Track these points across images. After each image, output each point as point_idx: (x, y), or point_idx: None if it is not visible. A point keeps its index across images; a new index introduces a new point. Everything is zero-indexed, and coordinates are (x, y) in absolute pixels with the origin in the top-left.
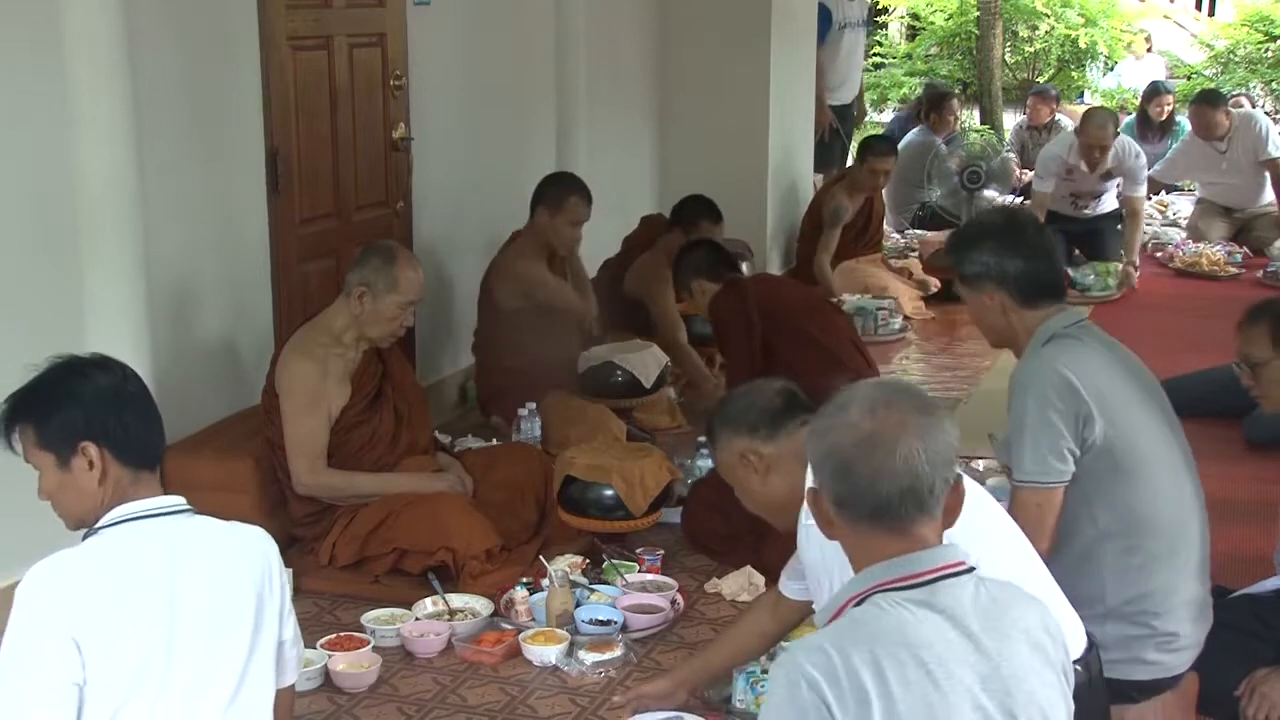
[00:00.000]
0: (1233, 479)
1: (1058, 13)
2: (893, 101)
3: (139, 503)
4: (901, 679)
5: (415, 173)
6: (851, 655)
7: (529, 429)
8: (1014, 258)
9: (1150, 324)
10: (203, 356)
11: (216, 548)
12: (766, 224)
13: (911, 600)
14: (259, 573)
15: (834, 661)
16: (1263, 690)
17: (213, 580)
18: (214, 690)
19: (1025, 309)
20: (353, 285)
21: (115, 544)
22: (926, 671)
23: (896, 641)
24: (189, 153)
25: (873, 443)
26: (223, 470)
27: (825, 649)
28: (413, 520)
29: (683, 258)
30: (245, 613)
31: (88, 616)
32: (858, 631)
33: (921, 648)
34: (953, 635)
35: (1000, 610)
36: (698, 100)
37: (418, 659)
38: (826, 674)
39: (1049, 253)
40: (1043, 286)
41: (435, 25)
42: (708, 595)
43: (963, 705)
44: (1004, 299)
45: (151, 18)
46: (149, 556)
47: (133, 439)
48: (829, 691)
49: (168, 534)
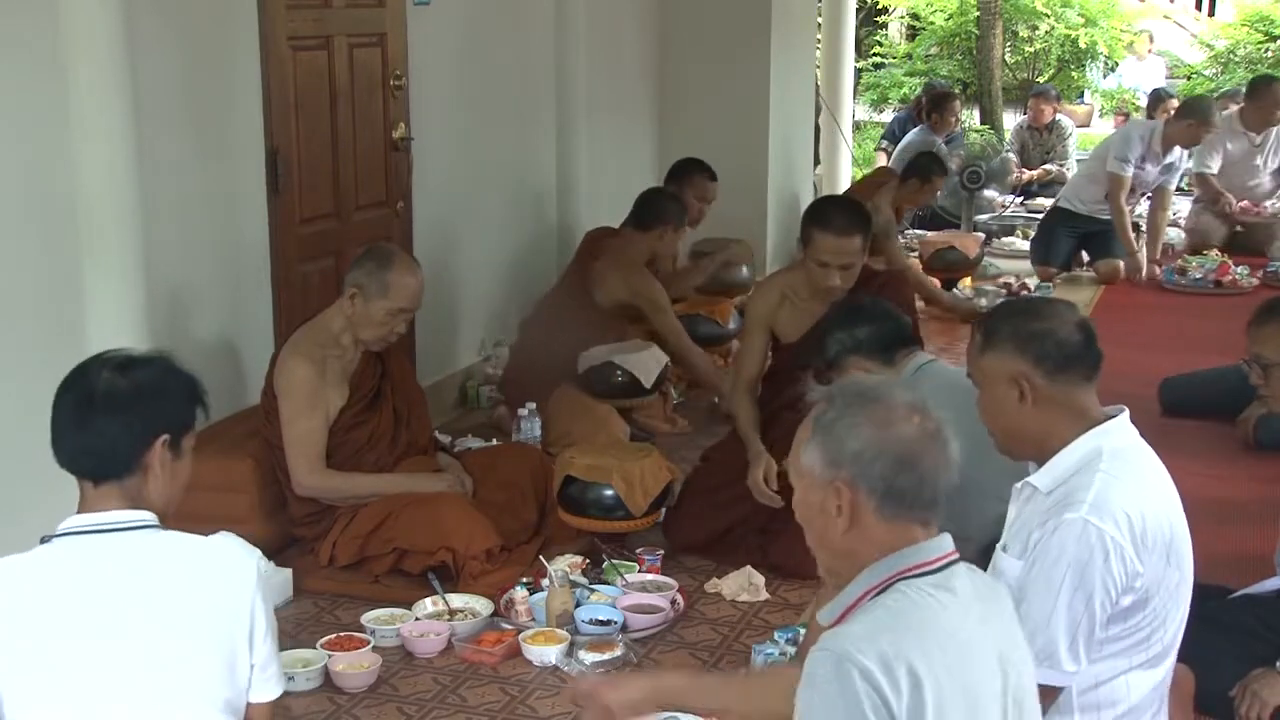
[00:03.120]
0: (1233, 479)
1: (1058, 13)
2: (893, 101)
3: (86, 517)
4: (944, 663)
5: (415, 173)
6: (899, 642)
7: (529, 429)
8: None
9: (1150, 324)
10: (202, 356)
11: (154, 568)
12: (767, 224)
13: (932, 585)
14: (208, 596)
15: (884, 649)
16: (1254, 689)
17: (145, 600)
18: (125, 706)
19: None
20: (347, 286)
21: (45, 557)
22: (962, 653)
23: (936, 626)
24: (189, 153)
25: (933, 438)
26: (222, 470)
27: (874, 637)
28: (413, 520)
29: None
30: (174, 634)
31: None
32: (899, 620)
33: (956, 630)
34: (971, 617)
35: (990, 594)
36: (698, 100)
37: (418, 659)
38: (880, 662)
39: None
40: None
41: (435, 25)
42: (708, 595)
43: (993, 683)
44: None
45: (151, 18)
46: (74, 572)
47: (56, 449)
48: (883, 679)
49: (98, 552)
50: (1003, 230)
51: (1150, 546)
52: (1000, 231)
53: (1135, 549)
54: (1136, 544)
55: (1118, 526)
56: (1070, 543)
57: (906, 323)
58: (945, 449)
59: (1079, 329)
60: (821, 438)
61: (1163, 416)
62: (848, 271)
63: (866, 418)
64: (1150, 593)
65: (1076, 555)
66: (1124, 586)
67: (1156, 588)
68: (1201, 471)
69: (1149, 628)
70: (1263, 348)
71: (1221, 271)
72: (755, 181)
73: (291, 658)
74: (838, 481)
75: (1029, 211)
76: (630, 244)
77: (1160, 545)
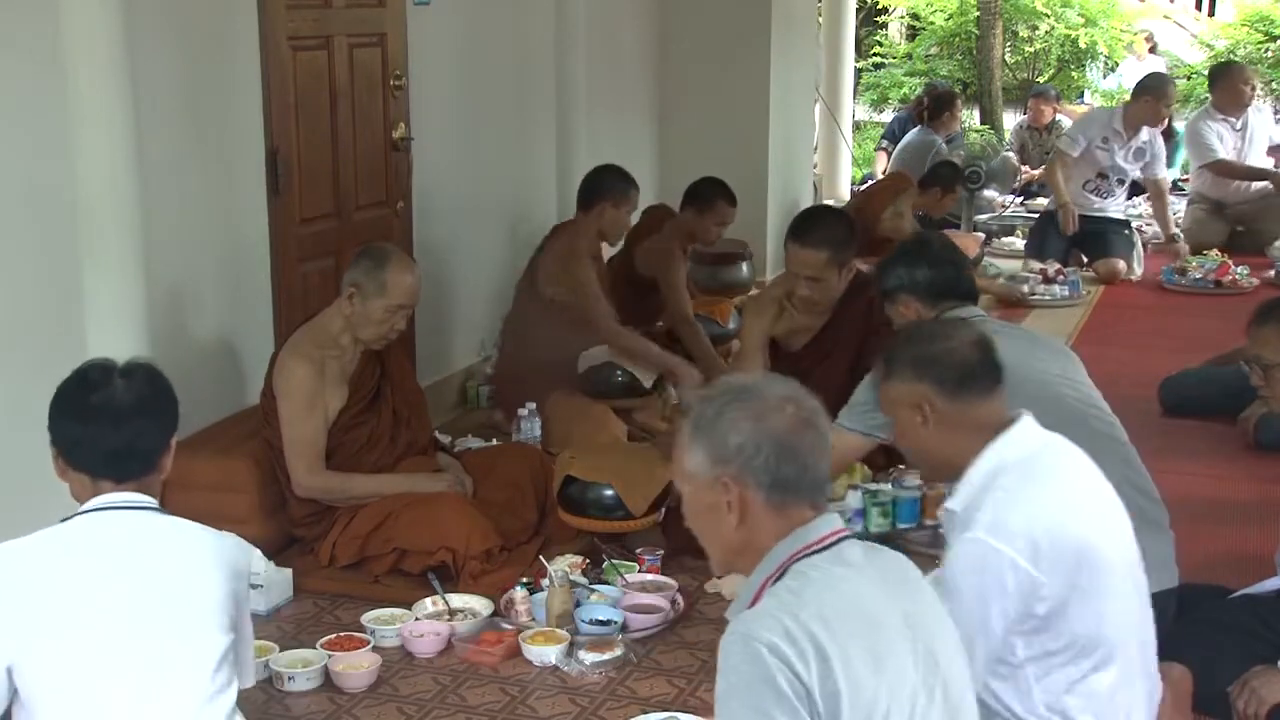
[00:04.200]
0: (1233, 479)
1: (1058, 13)
2: (893, 101)
3: (93, 500)
4: (847, 630)
5: (415, 173)
6: (800, 615)
7: (529, 429)
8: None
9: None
10: (202, 356)
11: (144, 544)
12: (767, 224)
13: (826, 560)
14: (193, 573)
15: (786, 624)
16: (1254, 685)
17: (135, 574)
18: (130, 680)
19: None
20: (345, 286)
21: (49, 537)
22: (864, 619)
23: (835, 596)
24: (189, 153)
25: (808, 425)
26: (222, 470)
27: (775, 614)
28: (413, 520)
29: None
30: (167, 610)
31: (10, 602)
32: (799, 596)
33: (856, 598)
34: (870, 585)
35: (885, 562)
36: (698, 100)
37: (418, 659)
38: (784, 636)
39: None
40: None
41: (435, 25)
42: (708, 595)
43: (899, 643)
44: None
45: (151, 18)
46: (75, 550)
47: (80, 450)
48: (789, 651)
49: (112, 526)
50: (1003, 230)
51: (1055, 557)
52: (1000, 231)
53: (1033, 563)
54: (1035, 557)
55: (1012, 544)
56: (967, 563)
57: (968, 275)
58: (820, 435)
59: (975, 347)
60: (703, 438)
61: (1163, 417)
62: (817, 284)
63: (744, 412)
64: (1065, 600)
65: (973, 572)
66: (1027, 598)
67: (1070, 593)
68: (1201, 471)
69: (1082, 632)
70: (1262, 348)
71: (1221, 271)
72: (755, 182)
73: (291, 658)
74: (724, 478)
75: (1029, 211)
76: (572, 230)
77: (1068, 553)
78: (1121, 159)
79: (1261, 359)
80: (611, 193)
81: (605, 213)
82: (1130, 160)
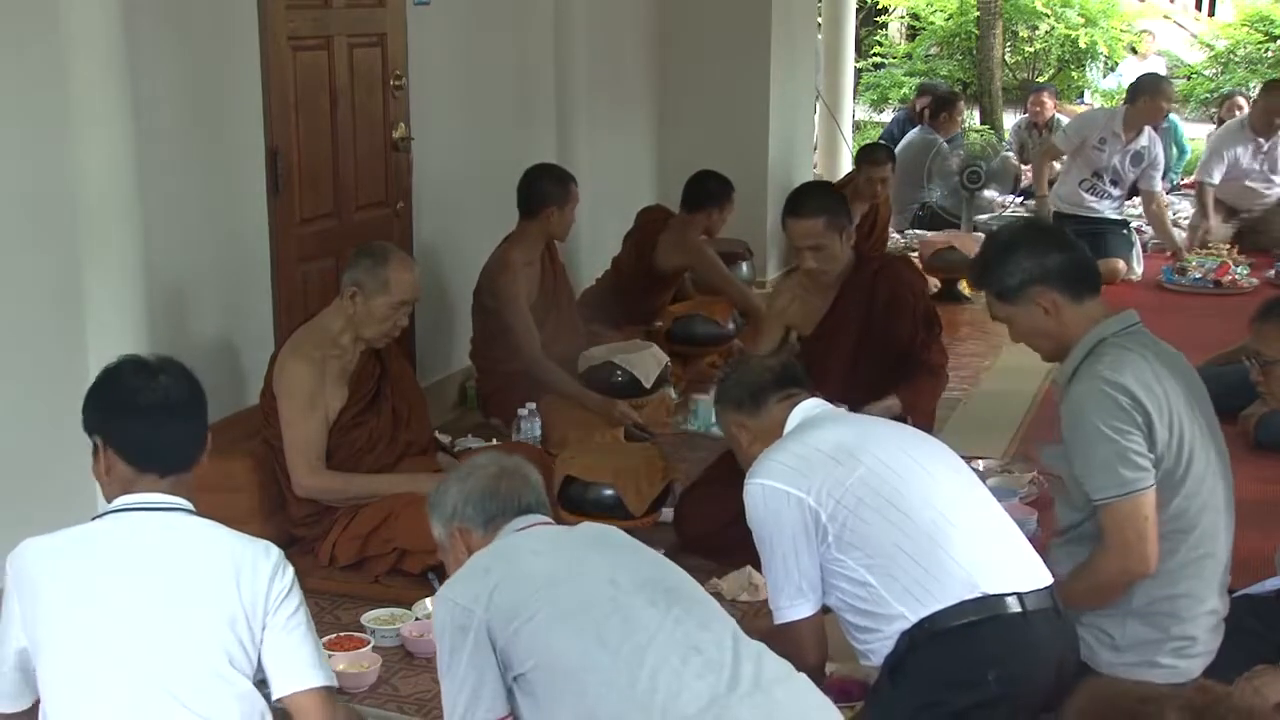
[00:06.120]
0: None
1: (1058, 13)
2: (893, 101)
3: (129, 497)
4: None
5: (415, 173)
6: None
7: (529, 429)
8: (1051, 254)
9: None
10: (202, 356)
11: (172, 545)
12: (766, 224)
13: (532, 535)
14: (211, 578)
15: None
16: (1256, 685)
17: (162, 573)
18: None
19: (1074, 304)
20: (345, 286)
21: (88, 531)
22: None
23: (513, 550)
24: (189, 153)
25: (505, 471)
26: (222, 470)
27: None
28: (413, 520)
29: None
30: (175, 612)
31: (34, 590)
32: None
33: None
34: (563, 559)
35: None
36: (698, 100)
37: (418, 659)
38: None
39: (1077, 245)
40: (1084, 275)
41: (435, 25)
42: None
43: (600, 582)
44: (1055, 297)
45: (151, 18)
46: (112, 544)
47: (133, 443)
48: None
49: (135, 527)
50: None
51: (1156, 406)
52: None
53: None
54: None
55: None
56: (758, 507)
57: (1093, 260)
58: (524, 476)
59: (768, 370)
60: (432, 513)
61: None
62: (820, 253)
63: (456, 478)
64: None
65: (763, 517)
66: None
67: (856, 504)
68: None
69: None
70: (1263, 345)
71: (1221, 271)
72: (755, 182)
73: None
74: (453, 529)
75: (1029, 211)
76: (510, 240)
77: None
78: (1118, 161)
79: (1262, 356)
80: (555, 197)
81: (552, 216)
82: (1128, 164)
